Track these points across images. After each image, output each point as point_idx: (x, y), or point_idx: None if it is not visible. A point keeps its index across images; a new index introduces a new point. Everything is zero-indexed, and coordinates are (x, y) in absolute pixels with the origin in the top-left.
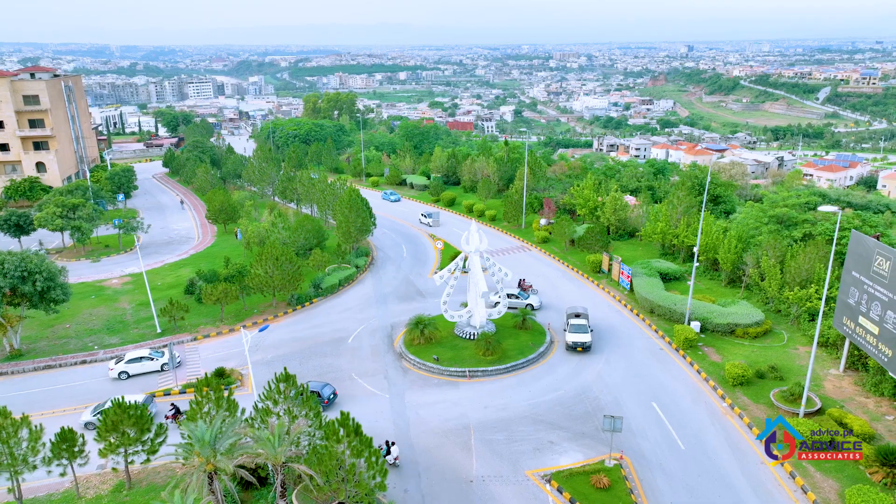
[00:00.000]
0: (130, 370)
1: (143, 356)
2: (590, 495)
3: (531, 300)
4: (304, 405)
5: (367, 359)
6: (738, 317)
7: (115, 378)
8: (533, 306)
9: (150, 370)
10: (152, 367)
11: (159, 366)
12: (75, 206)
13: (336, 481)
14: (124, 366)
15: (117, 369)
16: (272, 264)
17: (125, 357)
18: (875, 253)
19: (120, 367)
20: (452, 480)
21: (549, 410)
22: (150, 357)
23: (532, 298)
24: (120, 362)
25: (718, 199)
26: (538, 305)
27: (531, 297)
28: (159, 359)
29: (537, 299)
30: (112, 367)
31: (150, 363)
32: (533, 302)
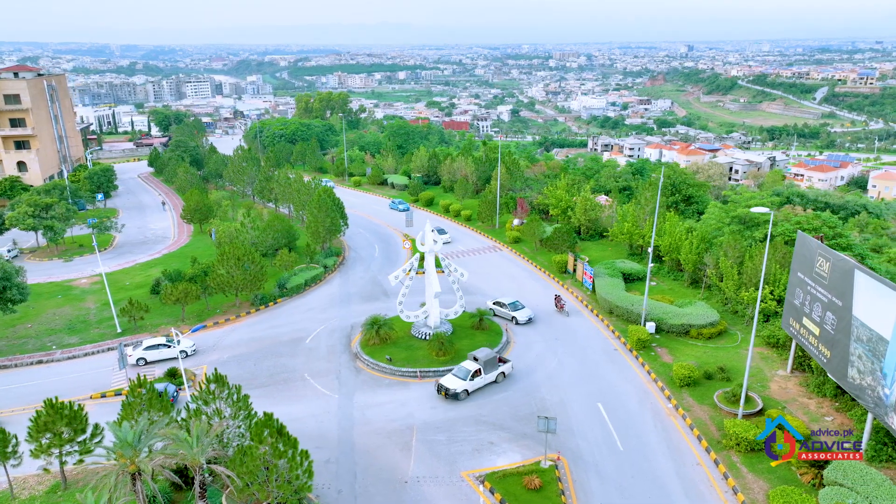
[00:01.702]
0: (148, 356)
1: (161, 343)
2: (521, 496)
3: (519, 313)
4: (235, 406)
5: (322, 359)
6: (693, 317)
7: (133, 364)
8: (517, 320)
9: (168, 357)
10: (169, 353)
11: (176, 353)
12: (48, 206)
13: (258, 482)
14: (142, 352)
15: (136, 355)
16: (234, 264)
17: (143, 344)
18: (817, 254)
19: (138, 353)
20: (387, 481)
21: (495, 411)
22: (166, 344)
23: (521, 312)
24: (138, 348)
25: (691, 200)
26: (523, 320)
27: (521, 310)
28: (176, 346)
29: (526, 314)
30: (130, 354)
31: (167, 350)
32: (518, 315)
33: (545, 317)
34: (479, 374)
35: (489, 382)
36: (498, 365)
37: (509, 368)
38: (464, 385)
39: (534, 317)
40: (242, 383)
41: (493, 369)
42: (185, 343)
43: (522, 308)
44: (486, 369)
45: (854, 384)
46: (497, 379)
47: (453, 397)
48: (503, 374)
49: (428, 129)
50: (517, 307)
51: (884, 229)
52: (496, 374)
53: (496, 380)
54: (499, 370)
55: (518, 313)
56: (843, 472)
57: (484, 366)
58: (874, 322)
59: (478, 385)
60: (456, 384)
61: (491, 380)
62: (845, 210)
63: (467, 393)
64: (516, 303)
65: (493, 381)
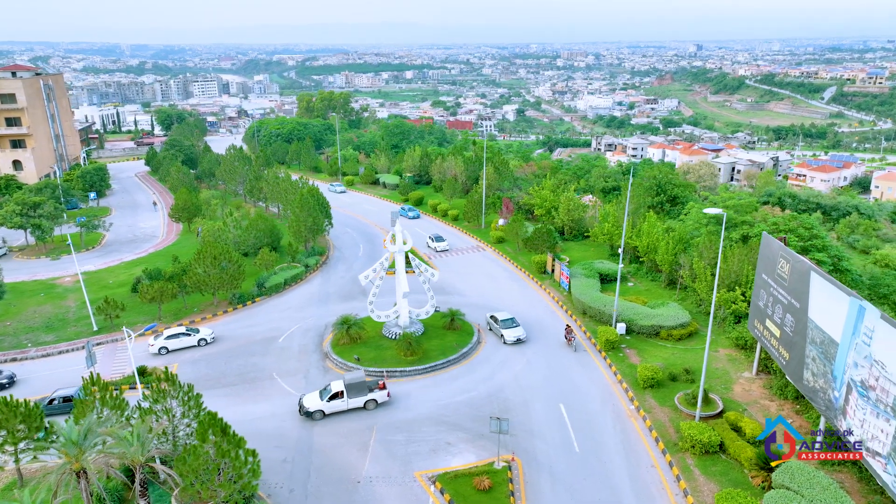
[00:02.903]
0: (170, 345)
1: (182, 332)
2: (470, 497)
3: (507, 332)
4: (186, 405)
5: (292, 358)
6: (664, 318)
7: (156, 353)
8: (504, 339)
9: (188, 345)
10: (189, 342)
11: (196, 341)
12: (36, 205)
13: (200, 481)
14: (164, 341)
15: (157, 345)
16: (210, 263)
17: (164, 333)
18: (779, 256)
19: (160, 342)
20: (341, 481)
21: (457, 411)
22: (186, 333)
23: (510, 331)
24: (159, 338)
25: (676, 200)
26: (510, 340)
27: (512, 329)
28: (196, 335)
29: (515, 334)
30: (152, 343)
31: (187, 339)
32: (506, 335)
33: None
34: (341, 397)
35: (356, 408)
36: (369, 391)
37: (383, 397)
38: (320, 406)
39: (525, 338)
40: (210, 382)
41: (359, 395)
42: (205, 332)
43: (514, 326)
44: (350, 393)
45: (808, 387)
46: (366, 406)
47: (307, 416)
48: (374, 402)
49: (429, 129)
50: (509, 325)
51: (875, 230)
52: (364, 401)
53: (365, 406)
54: (368, 397)
55: (506, 332)
56: (790, 474)
57: (347, 389)
58: (826, 324)
59: (337, 408)
60: (313, 403)
61: (357, 405)
62: (837, 211)
63: (323, 414)
64: (510, 320)
65: (362, 408)
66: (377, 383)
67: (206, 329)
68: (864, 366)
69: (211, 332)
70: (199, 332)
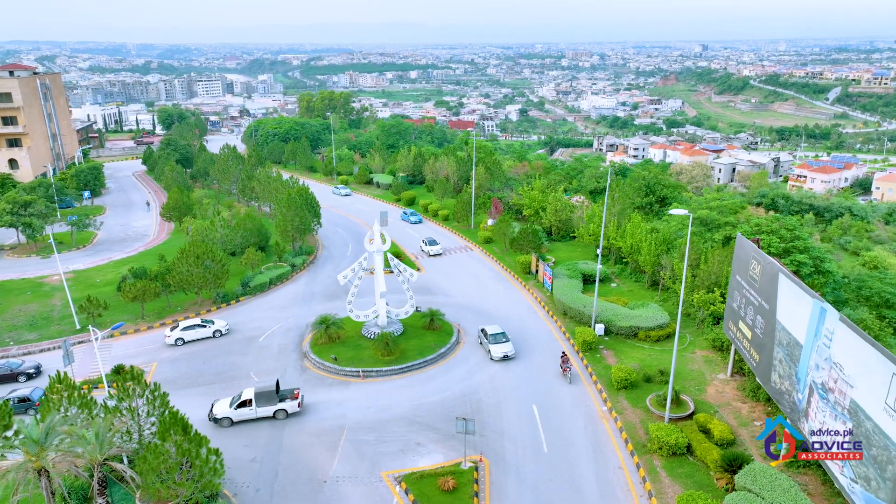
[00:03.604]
0: (186, 336)
1: (197, 324)
2: (434, 497)
3: (494, 348)
4: (151, 404)
5: (271, 358)
6: (642, 320)
7: (172, 344)
8: (491, 355)
9: (203, 336)
10: (205, 333)
11: (211, 332)
12: (27, 203)
13: (160, 480)
14: (180, 332)
15: (174, 336)
16: (193, 262)
17: (180, 325)
18: (751, 257)
19: (176, 333)
20: (307, 480)
21: (429, 412)
22: (202, 325)
23: (497, 346)
24: (176, 329)
25: (666, 201)
26: (496, 357)
27: (499, 344)
28: (211, 326)
29: (501, 350)
30: (168, 335)
31: (202, 330)
32: (493, 351)
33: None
34: (249, 405)
35: (265, 416)
36: (280, 401)
37: (294, 407)
38: (227, 413)
39: (513, 354)
40: (188, 381)
41: (268, 404)
42: (220, 323)
43: (503, 342)
44: (259, 402)
45: (775, 389)
46: (276, 415)
47: (215, 422)
48: (284, 412)
49: (430, 129)
50: (498, 339)
51: (868, 232)
52: (273, 410)
53: (274, 415)
54: (277, 406)
55: (494, 347)
56: (753, 477)
57: (256, 398)
58: (792, 326)
59: (245, 416)
60: (221, 410)
61: (265, 414)
62: (830, 212)
63: (231, 421)
64: (500, 335)
65: (272, 417)
66: (292, 392)
67: (220, 321)
68: (825, 368)
69: (225, 324)
70: (214, 324)
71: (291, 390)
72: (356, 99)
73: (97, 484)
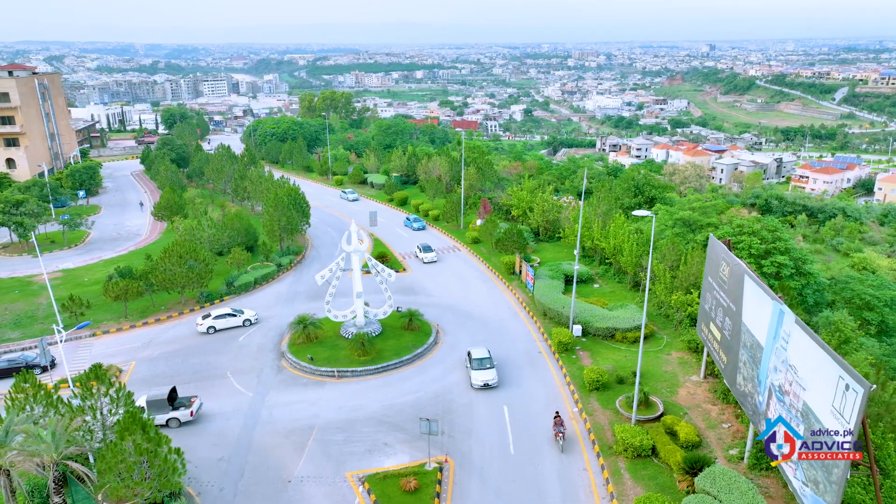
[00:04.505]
0: (217, 325)
1: (228, 313)
2: (395, 498)
3: (476, 374)
4: (115, 403)
5: (249, 357)
6: (619, 321)
7: (204, 332)
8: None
9: (234, 325)
10: (235, 322)
11: (241, 321)
12: (19, 203)
13: (117, 479)
14: (212, 321)
15: (205, 324)
16: (175, 261)
17: (212, 314)
18: (721, 258)
19: (207, 322)
20: (272, 480)
21: (400, 412)
22: (232, 314)
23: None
24: (208, 317)
25: (655, 201)
26: (477, 385)
27: (482, 370)
28: (241, 316)
29: (483, 377)
30: (200, 323)
31: (233, 319)
32: (473, 378)
33: (487, 325)
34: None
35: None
36: (172, 409)
37: (186, 416)
38: None
39: (495, 383)
40: (165, 380)
41: (159, 412)
42: (249, 313)
43: (486, 368)
44: (150, 410)
45: (740, 391)
46: (168, 423)
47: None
48: (178, 421)
49: (431, 129)
50: (482, 364)
51: (861, 233)
52: (165, 419)
53: (167, 423)
54: (169, 415)
55: (475, 374)
56: (712, 479)
57: (148, 405)
58: (755, 328)
59: None
60: None
61: (159, 423)
62: (823, 213)
63: None
64: (485, 360)
65: (164, 425)
66: (189, 400)
67: (249, 311)
68: (782, 370)
69: (255, 314)
70: (244, 314)
71: (189, 398)
72: (361, 99)
73: (53, 483)
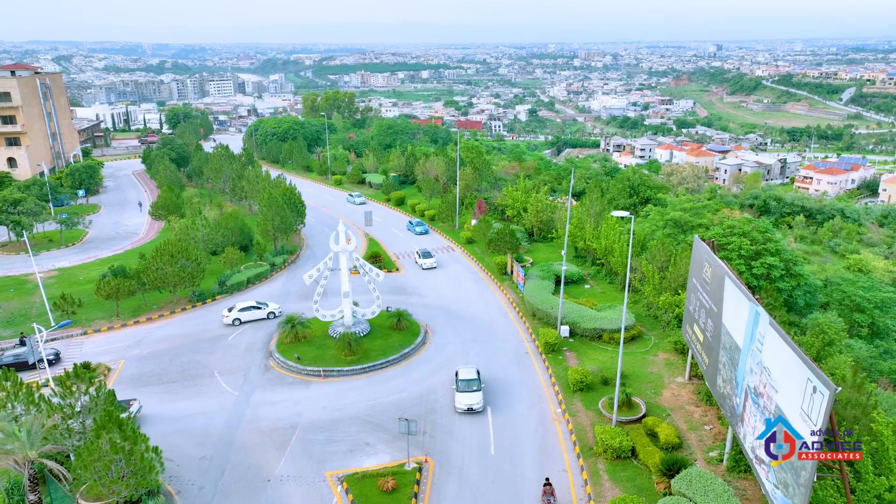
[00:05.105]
0: (242, 317)
1: (253, 306)
2: (373, 498)
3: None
4: (94, 401)
5: (237, 356)
6: (607, 322)
7: (230, 324)
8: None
9: (259, 318)
10: (260, 314)
11: (266, 314)
12: (16, 202)
13: (94, 477)
14: (237, 313)
15: (231, 316)
16: (167, 261)
17: (238, 306)
18: (704, 259)
19: (233, 314)
20: (252, 479)
21: (384, 412)
22: (257, 306)
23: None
24: (233, 310)
25: (650, 202)
26: (461, 409)
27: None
28: (265, 308)
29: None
30: (226, 315)
31: (258, 311)
32: (457, 401)
33: (476, 325)
34: None
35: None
36: None
37: None
38: None
39: (480, 407)
40: (152, 379)
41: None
42: (273, 306)
43: (471, 391)
44: None
45: (720, 393)
46: None
47: None
48: None
49: (434, 129)
50: (468, 386)
51: (860, 234)
52: None
53: None
54: None
55: (459, 396)
56: (689, 481)
57: None
58: (734, 329)
59: None
60: None
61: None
62: (822, 214)
63: None
64: (472, 381)
65: None
66: (128, 402)
67: (273, 304)
68: (757, 372)
69: (278, 307)
70: (269, 306)
71: (128, 401)
72: (366, 99)
73: (28, 481)
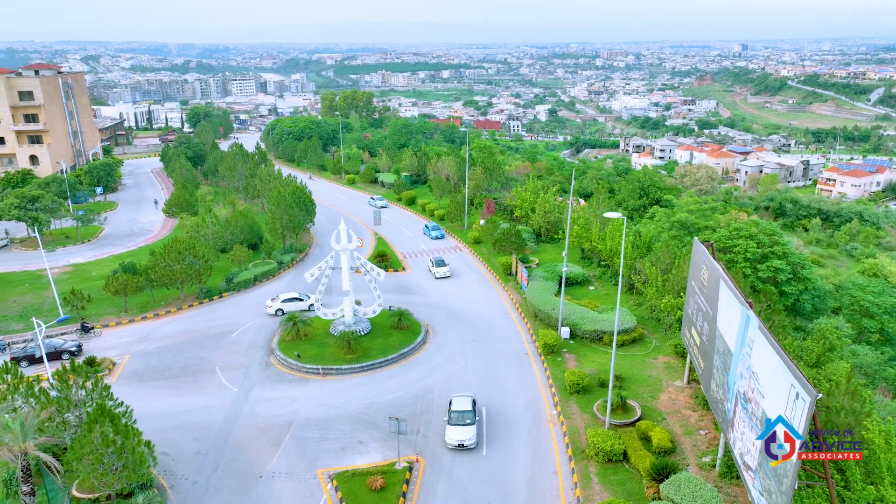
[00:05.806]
0: (285, 308)
1: (295, 297)
2: (361, 496)
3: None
4: (90, 395)
5: (239, 353)
6: (607, 324)
7: (273, 314)
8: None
9: (301, 308)
10: (301, 306)
11: (307, 305)
12: (35, 198)
13: (86, 470)
14: (280, 304)
15: (274, 306)
16: (174, 258)
17: (280, 297)
18: (703, 262)
19: (276, 304)
20: (244, 475)
21: (379, 411)
22: (299, 298)
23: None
24: (276, 300)
25: (660, 203)
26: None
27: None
28: (307, 300)
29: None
30: (270, 305)
31: (300, 303)
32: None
33: (477, 325)
34: None
35: None
36: None
37: None
38: None
39: (473, 444)
40: (155, 374)
41: None
42: (313, 297)
43: (464, 424)
44: None
45: (713, 397)
46: None
47: None
48: None
49: (452, 128)
50: (462, 418)
51: (878, 238)
52: None
53: None
54: None
55: (450, 430)
56: (677, 486)
57: None
58: (727, 333)
59: None
60: None
61: None
62: (840, 217)
63: None
64: (466, 412)
65: None
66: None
67: (314, 295)
68: (746, 377)
69: (318, 298)
70: (309, 298)
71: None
72: (387, 98)
73: (21, 472)
